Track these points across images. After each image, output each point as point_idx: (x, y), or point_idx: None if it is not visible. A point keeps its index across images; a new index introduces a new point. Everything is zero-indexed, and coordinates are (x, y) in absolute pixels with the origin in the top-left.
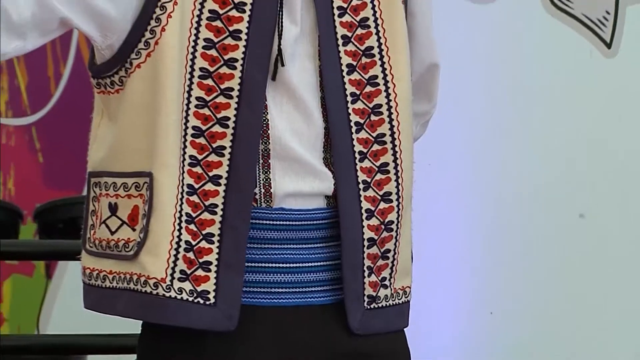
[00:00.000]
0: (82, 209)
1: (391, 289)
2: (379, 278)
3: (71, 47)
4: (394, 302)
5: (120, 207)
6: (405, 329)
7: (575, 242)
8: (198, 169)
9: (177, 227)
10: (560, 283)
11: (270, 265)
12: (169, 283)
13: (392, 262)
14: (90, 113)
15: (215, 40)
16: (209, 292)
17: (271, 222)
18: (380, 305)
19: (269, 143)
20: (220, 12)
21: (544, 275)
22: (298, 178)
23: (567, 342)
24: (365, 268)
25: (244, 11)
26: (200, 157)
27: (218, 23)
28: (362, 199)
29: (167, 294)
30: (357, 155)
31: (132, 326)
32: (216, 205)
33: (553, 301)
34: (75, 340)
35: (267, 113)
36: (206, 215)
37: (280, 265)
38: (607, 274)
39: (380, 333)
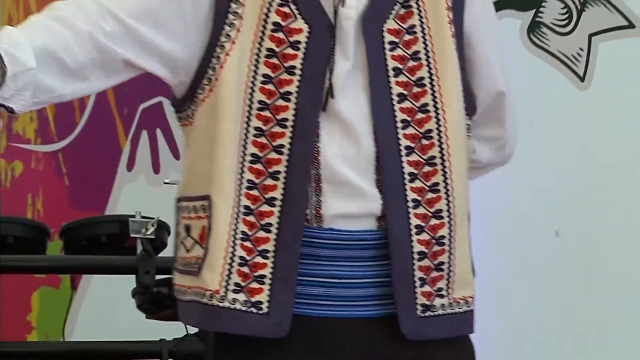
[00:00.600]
0: (104, 228)
1: (449, 299)
2: (434, 288)
3: None
4: (453, 311)
5: (193, 228)
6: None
7: (551, 259)
8: (255, 192)
9: (232, 245)
10: (536, 299)
11: (320, 279)
12: (223, 294)
13: (448, 274)
14: (110, 142)
15: (272, 75)
16: (262, 303)
17: (322, 241)
18: (436, 313)
19: (320, 168)
20: (277, 50)
21: (520, 291)
22: (347, 200)
23: (543, 358)
24: (416, 279)
25: (298, 49)
26: (257, 181)
27: (275, 60)
28: (411, 216)
29: (221, 304)
30: (406, 176)
31: (148, 334)
32: (271, 225)
33: (529, 318)
34: (97, 347)
35: (319, 141)
36: (262, 234)
37: (330, 280)
38: (582, 290)
39: (437, 340)
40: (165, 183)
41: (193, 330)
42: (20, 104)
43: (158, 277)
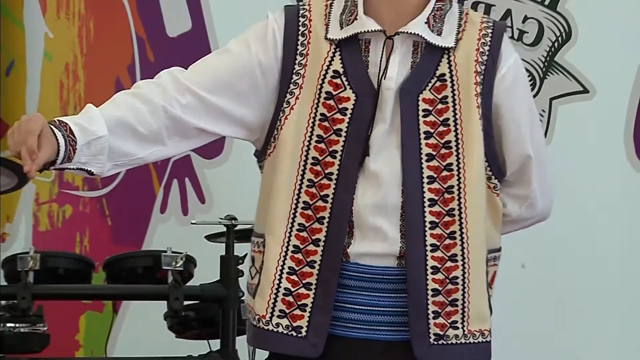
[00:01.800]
0: (140, 261)
1: (464, 330)
2: (449, 321)
3: None
4: (468, 341)
5: (255, 259)
6: None
7: (518, 289)
8: (304, 234)
9: (278, 278)
10: (505, 327)
11: (345, 305)
12: (269, 319)
13: (463, 309)
14: (146, 188)
15: (324, 136)
16: (302, 327)
17: (348, 273)
18: (450, 342)
19: (352, 215)
20: (328, 115)
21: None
22: (371, 242)
23: None
24: (430, 312)
25: (345, 114)
26: (307, 224)
27: (326, 123)
28: (428, 258)
29: (266, 327)
30: (427, 224)
31: (177, 351)
32: (315, 262)
33: (498, 345)
34: None
35: (355, 192)
36: (307, 269)
37: (355, 306)
38: (547, 317)
39: None
40: (192, 224)
41: (216, 347)
42: (98, 167)
43: (186, 303)
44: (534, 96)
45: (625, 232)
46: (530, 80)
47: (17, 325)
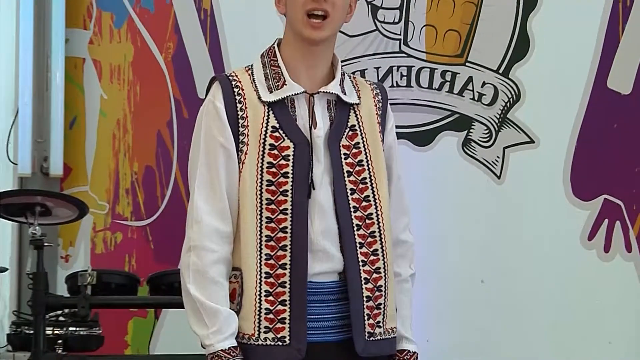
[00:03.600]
0: (177, 277)
1: (384, 329)
2: (376, 322)
3: (171, 176)
4: (386, 337)
5: (236, 289)
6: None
7: (478, 303)
8: (272, 261)
9: (258, 301)
10: (465, 338)
11: (309, 316)
12: (257, 336)
13: (383, 312)
14: (181, 219)
15: (273, 180)
16: (285, 337)
17: (308, 289)
18: (376, 338)
19: (308, 241)
20: (274, 162)
21: (450, 330)
22: (321, 262)
23: None
24: (365, 315)
25: (288, 160)
26: (272, 253)
27: (273, 169)
28: (361, 272)
29: (256, 343)
30: (357, 244)
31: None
32: (285, 282)
33: (458, 355)
34: (171, 358)
35: (307, 221)
36: (280, 289)
37: (309, 316)
38: (505, 329)
39: (378, 357)
40: None
41: None
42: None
43: None
44: (491, 146)
45: (562, 254)
46: (487, 133)
47: (77, 329)
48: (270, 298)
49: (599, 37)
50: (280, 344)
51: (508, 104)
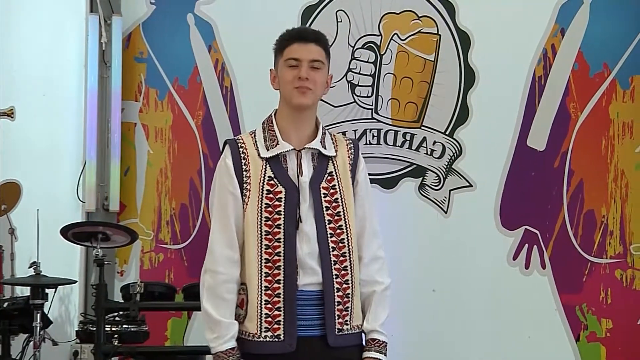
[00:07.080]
0: None
1: (350, 326)
2: (344, 320)
3: (200, 211)
4: (353, 332)
5: (242, 299)
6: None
7: (431, 307)
8: (269, 278)
9: (259, 307)
10: (418, 343)
11: (299, 316)
12: (259, 334)
13: (350, 313)
14: (207, 244)
15: (270, 216)
16: (281, 335)
17: (297, 297)
18: (345, 333)
19: (297, 261)
20: (270, 203)
21: (404, 336)
22: (309, 276)
23: None
24: (336, 316)
25: (281, 201)
26: (269, 272)
27: (270, 209)
28: (334, 283)
29: (258, 340)
30: (333, 262)
31: None
32: (280, 293)
33: (411, 358)
34: (200, 349)
35: (296, 246)
36: (275, 299)
37: (302, 316)
38: (454, 334)
39: (346, 347)
40: None
41: None
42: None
43: None
44: (440, 189)
45: (494, 270)
46: (437, 179)
47: (129, 326)
48: (269, 306)
49: (521, 106)
50: (276, 340)
51: (453, 158)
